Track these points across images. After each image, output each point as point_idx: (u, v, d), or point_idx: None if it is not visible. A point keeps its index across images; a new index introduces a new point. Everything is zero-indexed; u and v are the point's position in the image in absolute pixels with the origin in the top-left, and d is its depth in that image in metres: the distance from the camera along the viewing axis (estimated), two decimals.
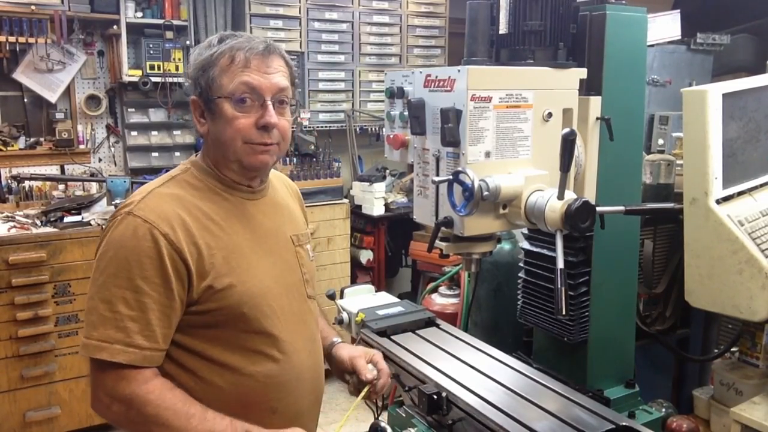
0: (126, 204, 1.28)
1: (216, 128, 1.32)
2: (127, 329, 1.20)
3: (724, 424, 1.74)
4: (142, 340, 1.20)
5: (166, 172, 1.44)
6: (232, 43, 1.31)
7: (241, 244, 1.33)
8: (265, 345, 1.33)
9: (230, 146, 1.31)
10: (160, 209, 1.26)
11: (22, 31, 3.60)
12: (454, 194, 1.34)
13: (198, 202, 1.32)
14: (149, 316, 1.21)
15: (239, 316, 1.29)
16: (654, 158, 2.08)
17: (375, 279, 4.40)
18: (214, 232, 1.30)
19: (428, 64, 4.78)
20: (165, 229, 1.23)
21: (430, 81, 1.40)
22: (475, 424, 1.36)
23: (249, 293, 1.30)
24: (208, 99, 1.31)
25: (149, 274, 1.21)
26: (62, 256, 3.30)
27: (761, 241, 1.61)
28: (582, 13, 1.52)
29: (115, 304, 1.20)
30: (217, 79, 1.30)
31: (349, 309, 1.90)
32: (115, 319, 1.20)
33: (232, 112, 1.29)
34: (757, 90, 1.78)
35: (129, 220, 1.24)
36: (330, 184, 4.16)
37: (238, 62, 1.29)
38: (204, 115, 1.34)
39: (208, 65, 1.30)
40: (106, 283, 1.21)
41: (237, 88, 1.29)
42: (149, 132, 4.15)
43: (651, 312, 2.10)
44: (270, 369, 1.34)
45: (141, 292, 1.21)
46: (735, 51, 4.04)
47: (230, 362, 1.30)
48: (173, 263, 1.22)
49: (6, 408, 3.24)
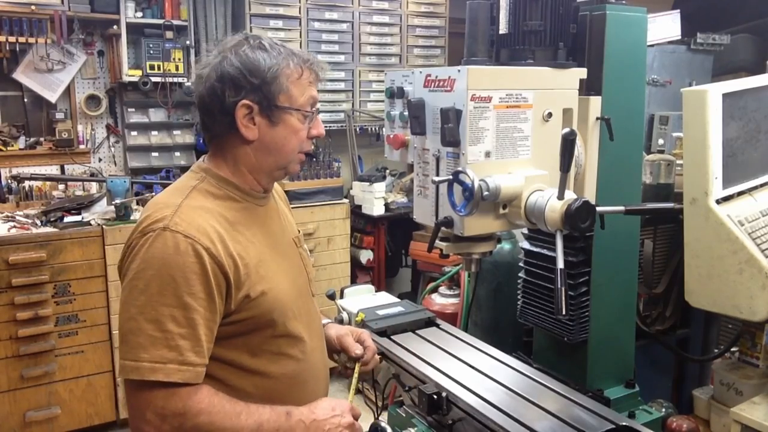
0: (156, 219, 1.24)
1: (273, 135, 1.33)
2: (180, 348, 1.18)
3: (724, 424, 1.74)
4: (194, 357, 1.20)
5: (166, 172, 1.45)
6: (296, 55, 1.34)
7: (263, 251, 1.35)
8: (289, 346, 1.37)
9: (287, 153, 1.36)
10: (196, 223, 1.24)
11: (22, 31, 3.60)
12: (454, 194, 1.34)
13: (223, 212, 1.32)
14: (199, 333, 1.20)
15: (269, 322, 1.32)
16: (654, 158, 2.08)
17: (375, 279, 4.40)
18: (242, 241, 1.30)
19: (428, 64, 4.78)
20: (206, 243, 1.22)
21: (430, 81, 1.40)
22: (475, 424, 1.36)
23: (277, 298, 1.33)
24: (271, 106, 1.31)
25: (196, 289, 1.20)
26: (62, 256, 3.30)
27: (761, 241, 1.61)
28: (582, 13, 1.52)
29: (164, 323, 1.18)
30: (287, 89, 1.32)
31: (349, 309, 1.90)
32: (166, 339, 1.18)
33: (299, 124, 1.34)
34: (757, 90, 1.78)
35: (168, 235, 1.21)
36: (330, 184, 4.16)
37: (306, 76, 1.34)
38: (254, 120, 1.32)
39: (276, 73, 1.31)
40: (150, 302, 1.18)
41: (307, 101, 1.34)
42: (149, 132, 4.14)
43: (651, 312, 2.10)
44: (293, 369, 1.37)
45: (190, 309, 1.19)
46: (735, 51, 4.04)
47: (258, 367, 1.32)
48: (216, 277, 1.22)
49: (6, 408, 3.24)
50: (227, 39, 1.38)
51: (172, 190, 1.35)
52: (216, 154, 1.39)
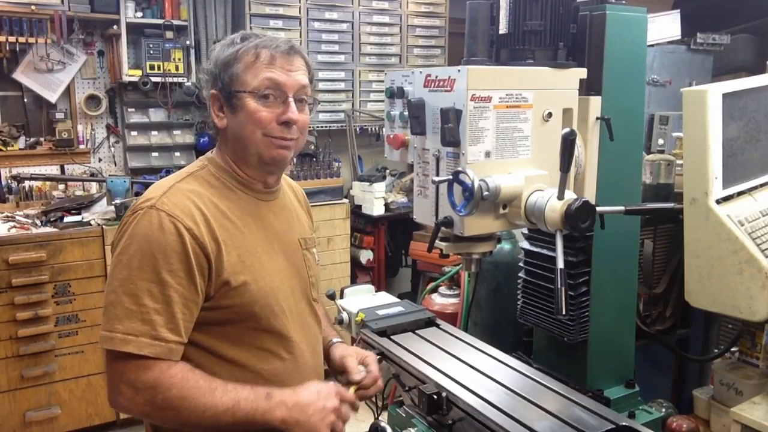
0: (147, 198, 1.29)
1: (236, 122, 1.35)
2: (153, 322, 1.20)
3: (724, 424, 1.74)
4: (167, 333, 1.21)
5: (167, 172, 1.46)
6: (257, 41, 1.35)
7: (255, 243, 1.36)
8: (273, 344, 1.36)
9: (250, 139, 1.34)
10: (182, 204, 1.27)
11: (22, 31, 3.60)
12: (454, 194, 1.34)
13: (215, 199, 1.34)
14: (174, 309, 1.22)
15: (250, 315, 1.32)
16: (654, 158, 2.08)
17: (375, 279, 4.40)
18: (230, 230, 1.32)
19: (428, 64, 4.78)
20: (189, 223, 1.25)
21: (430, 81, 1.40)
22: (475, 424, 1.36)
23: (261, 292, 1.33)
24: (229, 93, 1.34)
25: (175, 267, 1.22)
26: (62, 256, 3.30)
27: (761, 241, 1.61)
28: (582, 13, 1.52)
29: (141, 297, 1.20)
30: (241, 75, 1.32)
31: (349, 309, 1.90)
32: (141, 312, 1.20)
33: (255, 106, 1.32)
34: (757, 90, 1.78)
35: (153, 214, 1.25)
36: (330, 184, 4.17)
37: (263, 59, 1.33)
38: (223, 109, 1.37)
39: (232, 61, 1.33)
40: (130, 276, 1.21)
41: (261, 83, 1.32)
42: (149, 132, 4.15)
43: (651, 312, 2.10)
44: (276, 367, 1.37)
45: (166, 285, 1.22)
46: (735, 51, 4.04)
47: (239, 359, 1.32)
48: (197, 257, 1.24)
49: (6, 408, 3.24)
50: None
51: (173, 175, 1.39)
52: (219, 146, 1.44)
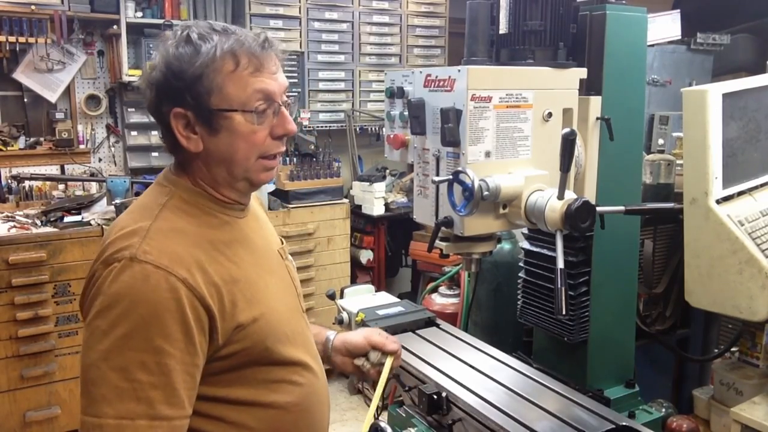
0: (120, 247, 1.05)
1: (219, 144, 1.13)
2: (150, 399, 1.01)
3: (724, 424, 1.74)
4: (168, 410, 1.02)
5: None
6: (228, 42, 1.11)
7: (249, 271, 1.18)
8: (288, 372, 1.23)
9: (242, 164, 1.15)
10: (169, 250, 1.06)
11: (22, 31, 3.60)
12: (454, 194, 1.34)
13: (200, 230, 1.14)
14: (173, 380, 1.02)
15: (263, 351, 1.16)
16: (654, 158, 2.08)
17: (375, 279, 4.40)
18: (224, 263, 1.13)
19: (428, 64, 4.78)
20: (182, 273, 1.04)
21: (430, 81, 1.40)
22: (475, 424, 1.36)
23: (269, 324, 1.17)
24: (207, 111, 1.11)
25: (170, 330, 1.02)
26: (62, 256, 3.30)
27: (761, 241, 1.61)
28: (582, 13, 1.52)
29: (132, 371, 1.00)
30: (222, 88, 1.10)
31: (349, 309, 1.90)
32: (134, 389, 1.00)
33: (248, 126, 1.12)
34: (757, 90, 1.78)
35: (135, 267, 1.03)
36: (330, 184, 4.16)
37: (245, 65, 1.11)
38: (194, 129, 1.13)
39: (204, 71, 1.09)
40: (116, 346, 1.00)
41: (252, 97, 1.12)
42: (149, 132, 4.14)
43: (651, 312, 2.10)
44: (298, 395, 1.23)
45: (162, 353, 1.01)
46: (735, 51, 4.04)
47: (258, 399, 1.17)
48: (195, 313, 1.05)
49: (6, 408, 3.24)
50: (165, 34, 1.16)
51: (139, 210, 1.15)
52: (185, 168, 1.20)
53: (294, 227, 4.00)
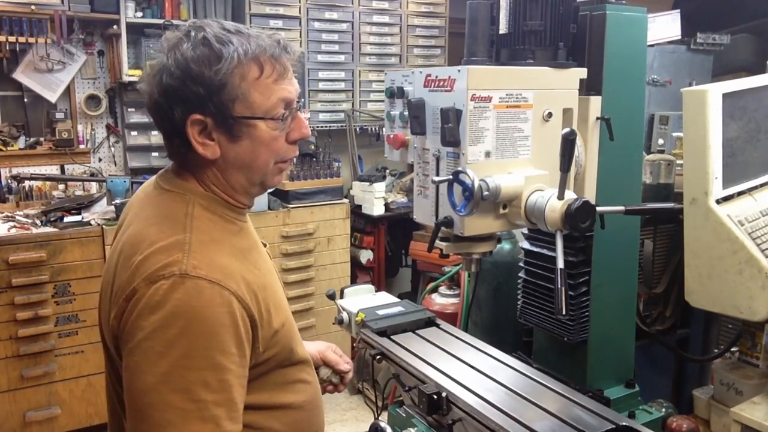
0: (164, 263, 1.02)
1: (241, 152, 1.12)
2: (216, 417, 0.99)
3: (724, 424, 1.74)
4: (231, 425, 1.02)
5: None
6: (251, 47, 1.09)
7: (267, 276, 1.19)
8: (301, 371, 1.25)
9: (262, 168, 1.15)
10: (216, 263, 1.04)
11: (22, 31, 3.60)
12: (454, 194, 1.34)
13: (229, 239, 1.13)
14: (234, 395, 1.02)
15: (288, 353, 1.18)
16: (654, 158, 2.08)
17: (375, 279, 4.40)
18: (253, 270, 1.13)
19: (428, 64, 4.78)
20: (233, 286, 1.04)
21: (430, 81, 1.40)
22: (475, 424, 1.36)
23: (291, 326, 1.20)
24: (230, 119, 1.09)
25: (227, 345, 1.01)
26: (62, 256, 3.30)
27: (761, 241, 1.61)
28: (582, 13, 1.52)
29: (196, 391, 0.98)
30: (246, 95, 1.08)
31: (349, 309, 1.89)
32: (199, 409, 0.98)
33: (270, 133, 1.11)
34: (757, 90, 1.78)
35: (188, 283, 1.00)
36: (330, 184, 4.16)
37: (269, 72, 1.10)
38: (211, 135, 1.10)
39: (225, 77, 1.07)
40: (177, 367, 0.98)
41: (276, 105, 1.11)
42: (149, 132, 4.14)
43: (651, 312, 2.10)
44: (309, 393, 1.27)
45: (223, 370, 1.00)
46: (735, 51, 4.04)
47: (279, 401, 1.19)
48: (245, 325, 1.05)
49: (6, 408, 3.24)
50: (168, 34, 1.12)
51: (166, 221, 1.10)
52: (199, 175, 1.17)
53: (294, 227, 4.00)
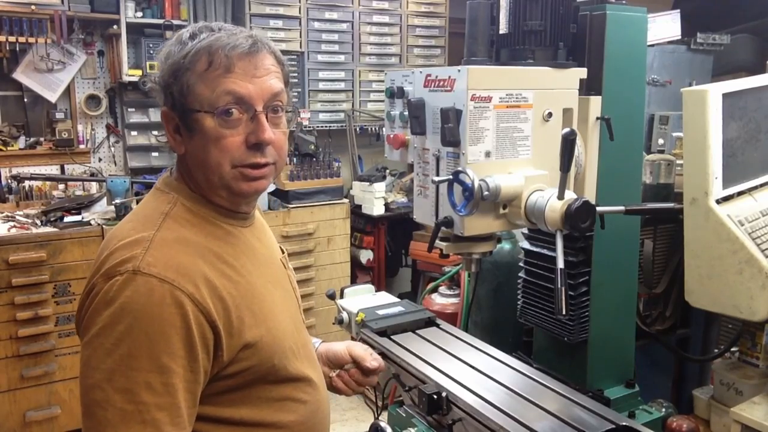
0: (122, 259, 1.00)
1: (196, 148, 1.09)
2: (156, 421, 0.97)
3: (724, 424, 1.74)
4: (173, 431, 0.99)
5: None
6: (209, 39, 1.06)
7: (256, 284, 1.14)
8: (294, 390, 1.19)
9: (216, 171, 1.09)
10: (174, 262, 1.01)
11: (22, 31, 3.61)
12: (454, 194, 1.34)
13: (206, 241, 1.09)
14: (178, 400, 0.99)
15: (270, 369, 1.13)
16: (654, 158, 2.08)
17: (375, 279, 4.40)
18: (231, 276, 1.09)
19: (428, 64, 4.78)
20: (188, 287, 1.00)
21: (430, 81, 1.40)
22: (475, 424, 1.36)
23: (276, 340, 1.14)
24: (183, 111, 1.08)
25: (175, 348, 0.98)
26: (62, 256, 3.30)
27: (761, 241, 1.61)
28: (582, 13, 1.52)
29: (138, 392, 0.96)
30: (193, 87, 1.06)
31: (349, 309, 1.89)
32: (140, 411, 0.96)
33: (217, 130, 1.06)
34: (757, 90, 1.78)
35: (139, 280, 0.97)
36: (330, 184, 4.17)
37: (219, 65, 1.05)
38: (179, 130, 1.10)
39: (181, 69, 1.06)
40: (121, 366, 0.96)
41: (219, 98, 1.05)
42: (149, 132, 4.15)
43: (651, 312, 2.10)
44: (302, 413, 1.20)
45: (168, 372, 0.97)
46: (735, 51, 4.05)
47: (263, 418, 1.14)
48: (200, 329, 1.00)
49: (6, 408, 3.24)
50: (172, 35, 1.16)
51: (141, 219, 1.09)
52: (179, 171, 1.17)
53: (294, 227, 4.01)
